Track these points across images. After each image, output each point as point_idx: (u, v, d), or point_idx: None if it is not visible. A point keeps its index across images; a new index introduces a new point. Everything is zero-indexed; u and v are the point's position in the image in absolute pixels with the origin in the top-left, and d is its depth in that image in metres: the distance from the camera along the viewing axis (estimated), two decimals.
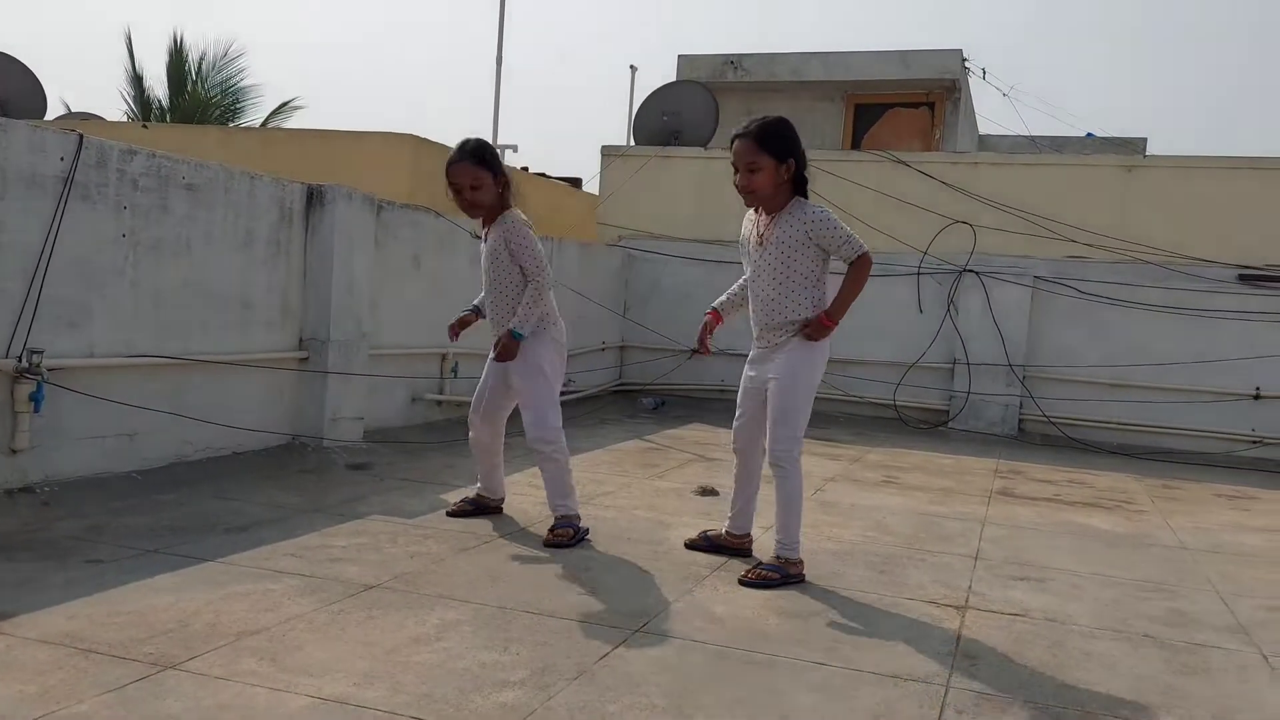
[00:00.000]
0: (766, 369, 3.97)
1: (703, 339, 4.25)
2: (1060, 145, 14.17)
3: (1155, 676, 3.13)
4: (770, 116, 3.88)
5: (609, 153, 11.33)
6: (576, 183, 13.87)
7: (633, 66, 18.91)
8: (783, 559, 3.89)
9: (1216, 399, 8.97)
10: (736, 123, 4.00)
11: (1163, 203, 9.55)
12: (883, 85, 13.26)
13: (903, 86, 13.22)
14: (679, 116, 11.70)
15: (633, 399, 9.95)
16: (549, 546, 4.17)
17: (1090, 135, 15.38)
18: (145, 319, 4.99)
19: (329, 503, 4.73)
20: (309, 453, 5.88)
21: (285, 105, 18.53)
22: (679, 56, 13.78)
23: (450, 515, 4.62)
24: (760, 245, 3.93)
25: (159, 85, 17.57)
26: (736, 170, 3.86)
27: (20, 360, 4.28)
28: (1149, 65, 59.07)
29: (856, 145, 12.97)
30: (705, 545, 4.27)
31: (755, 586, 3.78)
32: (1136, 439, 9.11)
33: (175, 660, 2.72)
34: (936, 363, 9.65)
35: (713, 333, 4.26)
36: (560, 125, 41.18)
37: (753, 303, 4.02)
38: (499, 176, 4.30)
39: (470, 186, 4.26)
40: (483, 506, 4.68)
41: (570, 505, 4.35)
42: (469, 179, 4.25)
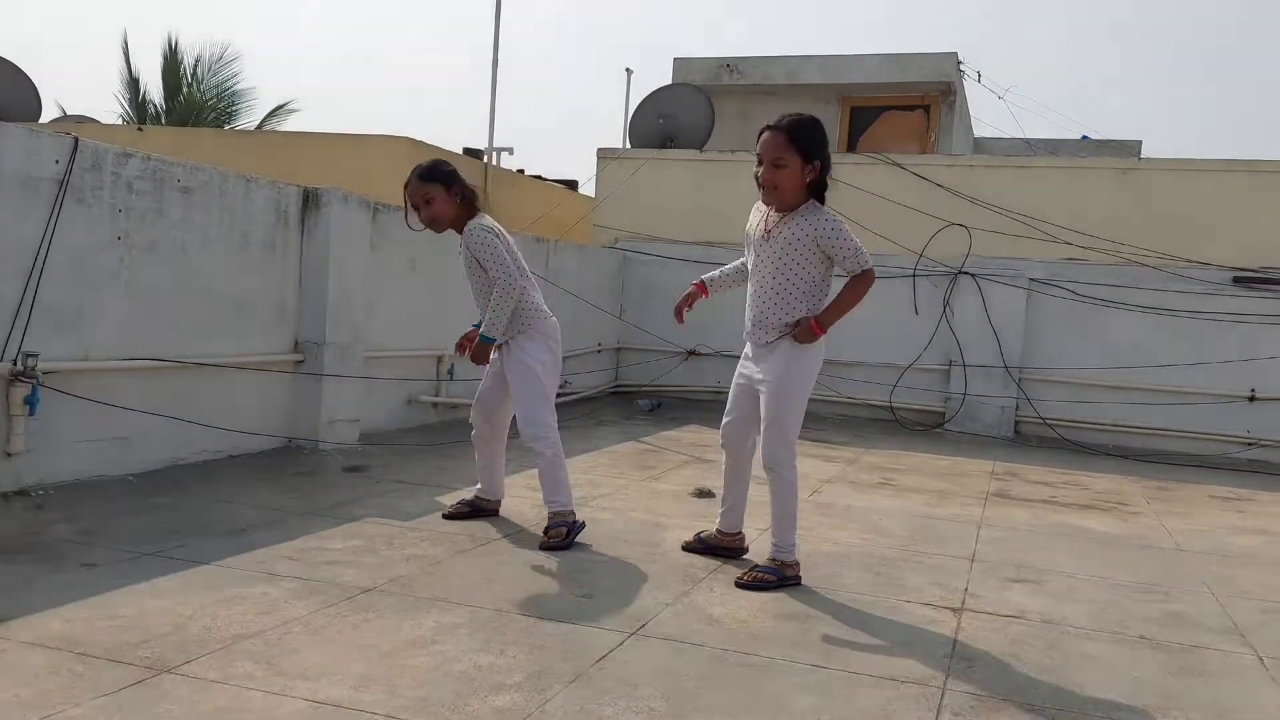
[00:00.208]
0: (759, 371, 3.93)
1: (680, 308, 4.24)
2: (1055, 148, 14.19)
3: (1152, 678, 3.14)
4: (804, 114, 3.80)
5: (605, 155, 11.35)
6: (573, 185, 13.86)
7: (628, 69, 18.92)
8: (779, 561, 3.88)
9: (1212, 401, 9.00)
10: (732, 125, 3.99)
11: (1158, 205, 9.58)
12: (878, 88, 13.29)
13: (898, 89, 13.25)
14: (675, 119, 11.71)
15: (629, 401, 9.95)
16: (544, 550, 4.17)
17: (1085, 138, 15.42)
18: (141, 322, 4.98)
19: (325, 505, 4.73)
20: (305, 455, 5.87)
21: (281, 108, 18.57)
22: (675, 59, 13.77)
23: (446, 518, 4.61)
24: (766, 239, 3.87)
25: (155, 88, 17.61)
26: (760, 163, 3.78)
27: (15, 363, 4.28)
28: (1144, 68, 59.25)
29: (852, 148, 12.97)
30: (700, 548, 4.26)
31: (752, 589, 3.77)
32: (1132, 441, 9.13)
33: (171, 664, 2.71)
34: (933, 365, 9.66)
35: (692, 305, 4.24)
36: (557, 128, 41.22)
37: (749, 295, 3.98)
38: (453, 189, 4.39)
39: (425, 201, 4.39)
40: (479, 509, 4.68)
41: (562, 500, 4.35)
42: (420, 196, 4.40)
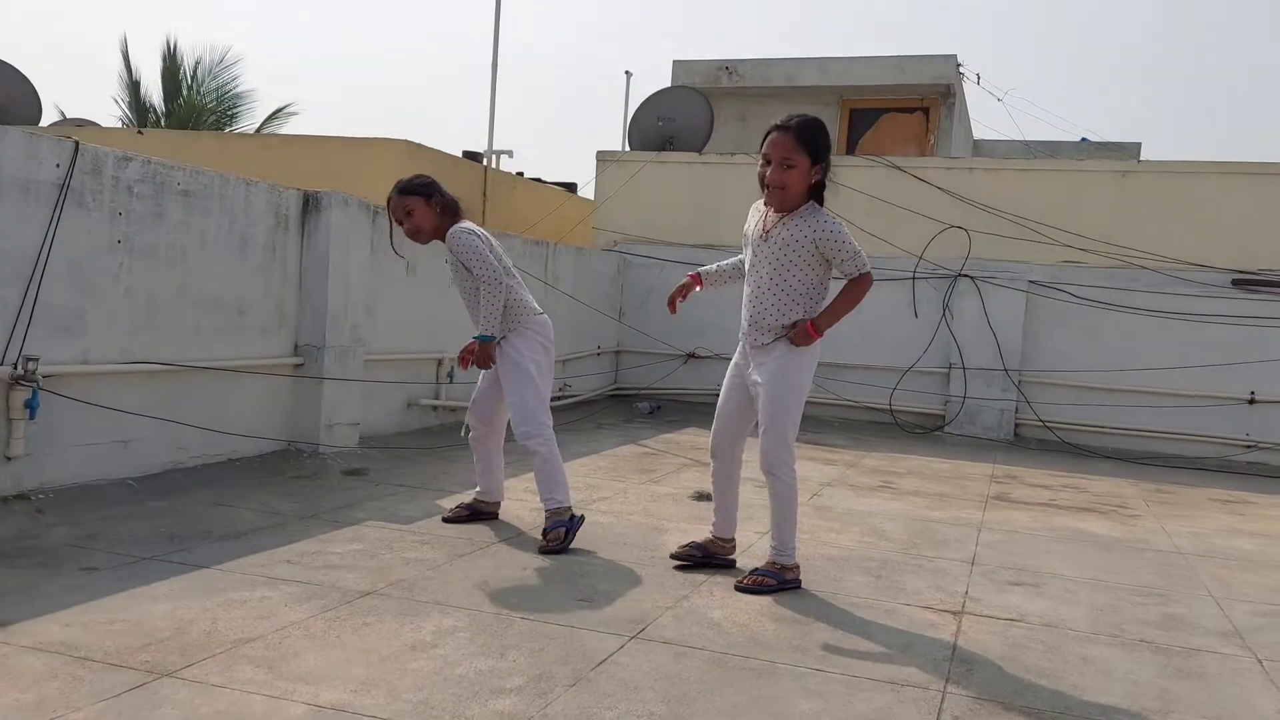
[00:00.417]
0: (754, 373, 3.90)
1: (673, 298, 4.21)
2: (1055, 150, 14.21)
3: (1151, 681, 3.14)
4: (810, 115, 3.79)
5: (605, 158, 11.35)
6: (572, 188, 13.87)
7: (628, 72, 18.95)
8: (778, 565, 3.88)
9: (1211, 403, 9.00)
10: (731, 128, 3.99)
11: (1157, 208, 9.58)
12: (878, 90, 13.30)
13: (898, 92, 13.26)
14: (674, 122, 11.73)
15: (628, 403, 9.95)
16: (543, 553, 4.17)
17: (1085, 140, 15.43)
18: (140, 325, 4.99)
19: (325, 509, 4.73)
20: (305, 459, 5.87)
21: (280, 111, 18.59)
22: (674, 62, 13.79)
23: (446, 521, 4.61)
24: (764, 240, 3.85)
25: (154, 91, 17.63)
26: (767, 163, 3.75)
27: (15, 367, 4.28)
28: (1143, 70, 59.28)
29: (851, 150, 12.98)
30: (690, 563, 4.11)
31: (752, 593, 3.77)
32: (1131, 443, 9.14)
33: (171, 668, 2.71)
34: (932, 367, 9.66)
35: (686, 296, 4.22)
36: (556, 131, 41.24)
37: (746, 295, 3.95)
38: (432, 199, 4.48)
39: (406, 214, 4.50)
40: (478, 512, 4.68)
41: (559, 498, 4.35)
42: (401, 210, 4.51)
